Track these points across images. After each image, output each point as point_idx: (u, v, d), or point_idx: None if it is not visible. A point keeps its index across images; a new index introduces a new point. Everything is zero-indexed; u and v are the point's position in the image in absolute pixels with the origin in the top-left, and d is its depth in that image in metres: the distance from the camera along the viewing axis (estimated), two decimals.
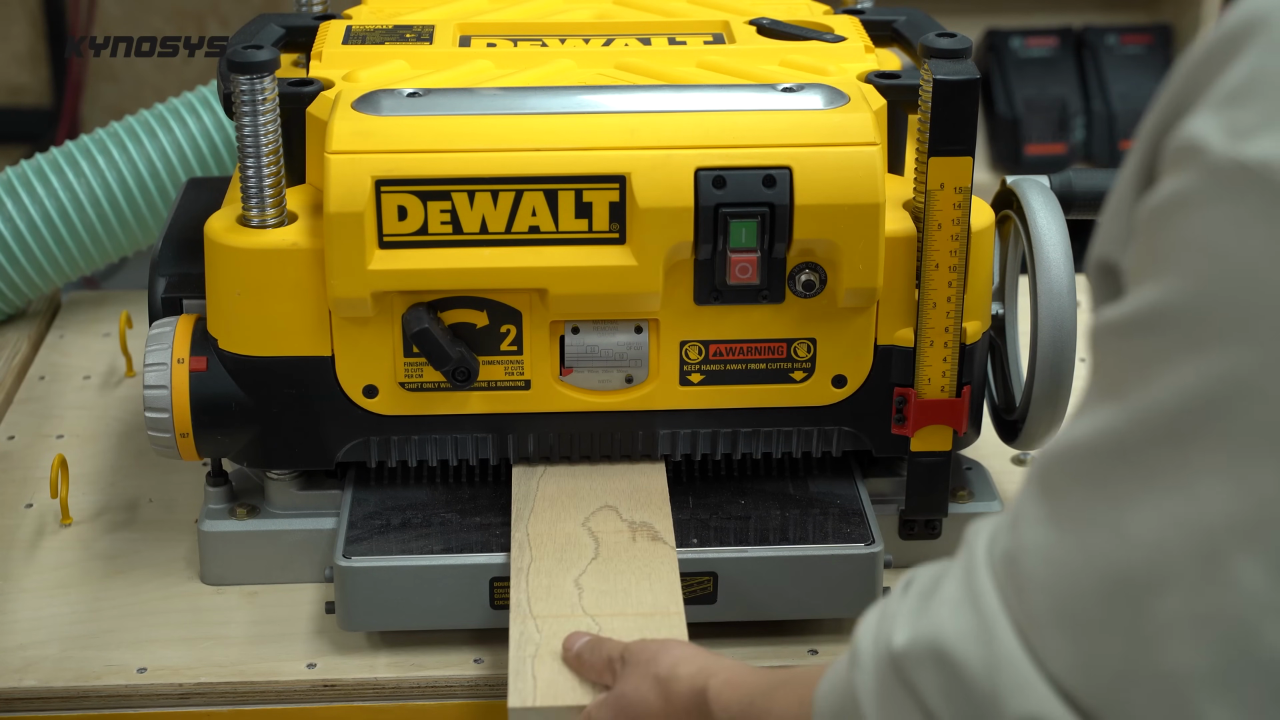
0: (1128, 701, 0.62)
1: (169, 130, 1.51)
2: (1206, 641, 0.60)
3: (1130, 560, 0.62)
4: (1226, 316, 0.59)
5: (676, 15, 1.34)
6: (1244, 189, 0.58)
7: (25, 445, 1.40)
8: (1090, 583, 0.64)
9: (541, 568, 1.10)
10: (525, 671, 1.02)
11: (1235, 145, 0.58)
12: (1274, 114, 0.58)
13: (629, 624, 1.05)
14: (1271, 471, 0.59)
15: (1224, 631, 0.60)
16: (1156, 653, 0.61)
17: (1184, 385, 0.61)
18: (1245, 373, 0.59)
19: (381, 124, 1.10)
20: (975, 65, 1.09)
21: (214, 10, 3.19)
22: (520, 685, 1.01)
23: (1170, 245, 0.61)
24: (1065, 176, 1.22)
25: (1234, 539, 0.60)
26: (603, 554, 1.11)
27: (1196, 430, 0.60)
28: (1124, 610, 0.62)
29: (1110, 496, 0.63)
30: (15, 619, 1.17)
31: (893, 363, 1.15)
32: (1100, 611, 0.63)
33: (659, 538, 1.13)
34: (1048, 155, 2.90)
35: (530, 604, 1.07)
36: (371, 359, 1.13)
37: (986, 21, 2.98)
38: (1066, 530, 0.65)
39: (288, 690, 1.12)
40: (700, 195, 1.08)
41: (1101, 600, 0.63)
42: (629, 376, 1.15)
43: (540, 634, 1.04)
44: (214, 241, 1.12)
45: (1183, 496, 0.61)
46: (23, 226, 1.49)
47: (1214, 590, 0.60)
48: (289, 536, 1.20)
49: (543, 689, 1.01)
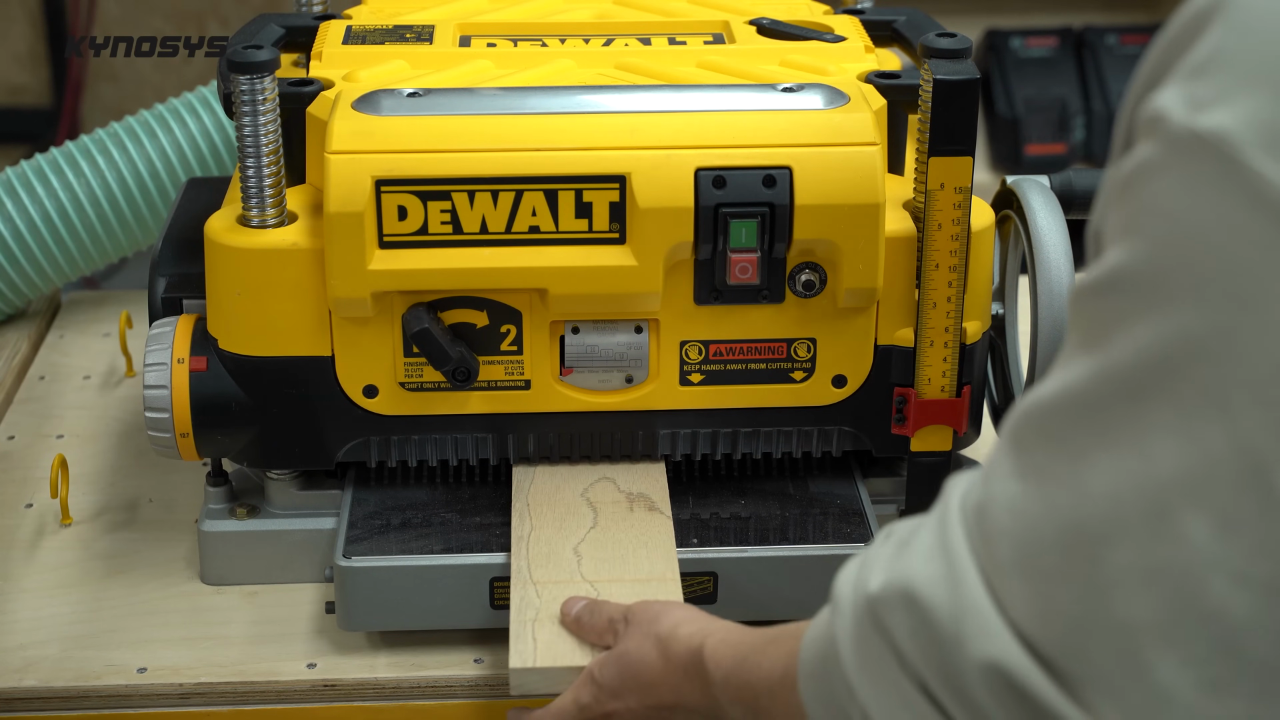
0: (1083, 649, 0.65)
1: (169, 130, 1.51)
2: (1156, 594, 0.63)
3: (1087, 513, 0.65)
4: (1180, 279, 0.62)
5: (676, 15, 1.34)
6: (1199, 157, 0.61)
7: (25, 445, 1.40)
8: (1050, 533, 0.66)
9: (541, 535, 1.12)
10: (526, 634, 1.04)
11: (1192, 116, 0.61)
12: (1229, 87, 0.60)
13: (626, 589, 1.07)
14: (1219, 430, 0.61)
15: (1172, 585, 0.62)
16: (1109, 603, 0.64)
17: (1139, 345, 0.63)
18: (1195, 334, 0.61)
19: (381, 124, 1.10)
20: (975, 65, 1.09)
21: (214, 10, 3.19)
22: (521, 647, 1.03)
23: (1135, 211, 0.64)
24: (1065, 176, 1.22)
25: (1183, 495, 0.62)
26: (601, 523, 1.14)
27: (1149, 389, 0.63)
28: (1080, 561, 0.65)
29: (1070, 451, 0.66)
30: (15, 619, 1.17)
31: (893, 363, 1.15)
32: (1058, 561, 0.66)
33: (655, 508, 1.15)
34: (1048, 155, 2.90)
35: (530, 570, 1.09)
36: (371, 359, 1.13)
37: (986, 21, 2.98)
38: (1030, 483, 0.67)
39: (288, 690, 1.12)
40: (700, 195, 1.08)
41: (1060, 551, 0.66)
42: (629, 376, 1.15)
43: (540, 599, 1.07)
44: (214, 241, 1.12)
45: (1136, 453, 0.63)
46: (23, 226, 1.49)
47: (1163, 545, 0.62)
48: (289, 536, 1.20)
49: (543, 650, 1.03)
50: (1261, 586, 0.61)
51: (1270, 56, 0.60)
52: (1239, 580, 0.61)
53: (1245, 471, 0.61)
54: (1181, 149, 0.61)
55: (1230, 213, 0.60)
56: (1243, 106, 0.60)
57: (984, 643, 0.67)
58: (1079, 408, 0.66)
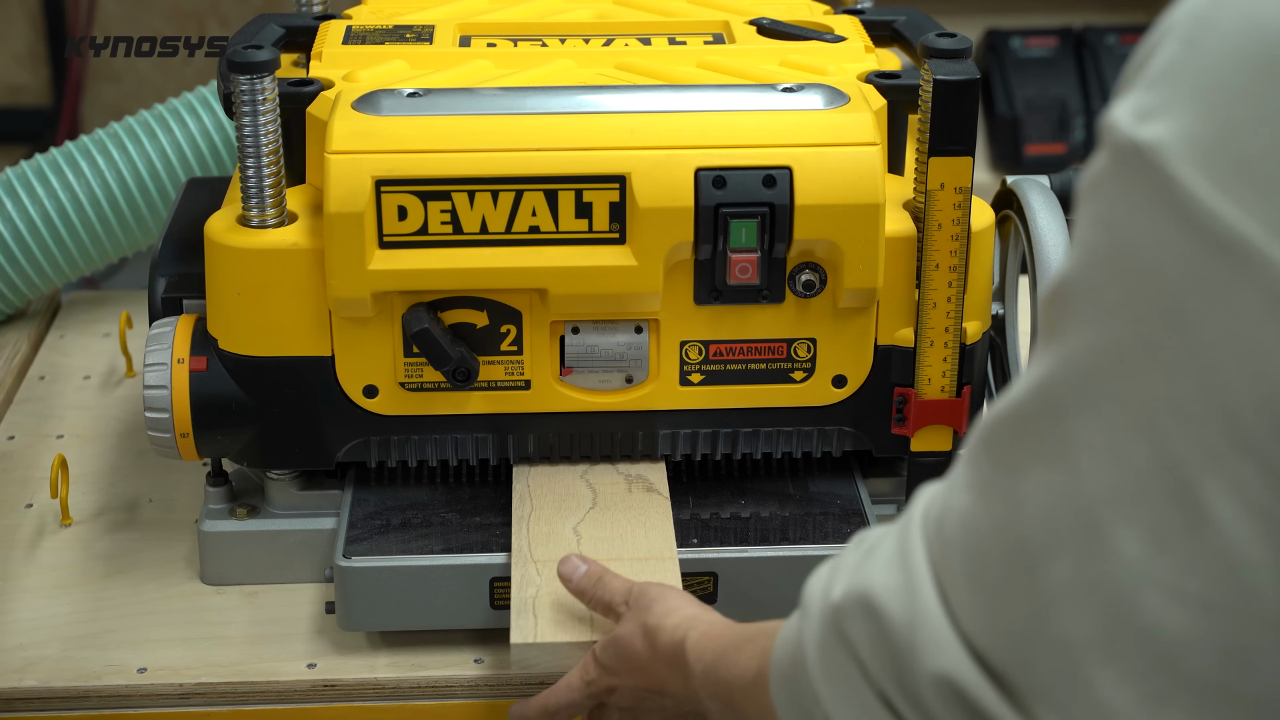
0: (1028, 663, 0.65)
1: (169, 130, 1.51)
2: (1093, 609, 0.63)
3: (1025, 528, 0.65)
4: (1109, 291, 0.62)
5: (676, 15, 1.34)
6: (1134, 169, 0.61)
7: (25, 445, 1.40)
8: (994, 547, 0.66)
9: (541, 516, 1.14)
10: (527, 610, 1.06)
11: (1135, 126, 0.61)
12: (1171, 101, 0.60)
13: (625, 568, 1.08)
14: (1143, 444, 0.61)
15: (1107, 600, 0.62)
16: (1050, 618, 0.64)
17: (1068, 356, 0.63)
18: (1123, 348, 0.61)
19: (381, 124, 1.10)
20: (975, 65, 1.09)
21: (214, 10, 3.19)
22: (522, 623, 1.05)
23: (1082, 220, 0.64)
24: (1065, 176, 1.22)
25: (1112, 510, 0.62)
26: (600, 503, 1.15)
27: (1076, 403, 0.63)
28: (1022, 576, 0.65)
29: (1010, 466, 0.66)
30: (15, 619, 1.17)
31: (893, 363, 1.15)
32: (1003, 576, 0.66)
33: (654, 489, 1.17)
34: (1048, 155, 2.90)
35: (531, 549, 1.11)
36: (371, 359, 1.13)
37: (986, 21, 2.98)
38: (978, 495, 0.68)
39: (288, 690, 1.12)
40: (700, 195, 1.08)
41: (1004, 565, 0.66)
42: (629, 376, 1.15)
43: (540, 577, 1.08)
44: (214, 241, 1.12)
45: (1065, 467, 0.63)
46: (22, 226, 1.49)
47: (1096, 560, 0.62)
48: (289, 536, 1.20)
49: (543, 626, 1.05)
50: (1194, 602, 0.60)
51: (1214, 73, 0.59)
52: (1172, 596, 0.61)
53: (1172, 488, 0.60)
54: (1122, 159, 0.61)
55: (1159, 227, 0.59)
56: (1180, 120, 0.59)
57: (936, 654, 0.67)
58: (1017, 421, 0.66)
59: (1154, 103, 0.61)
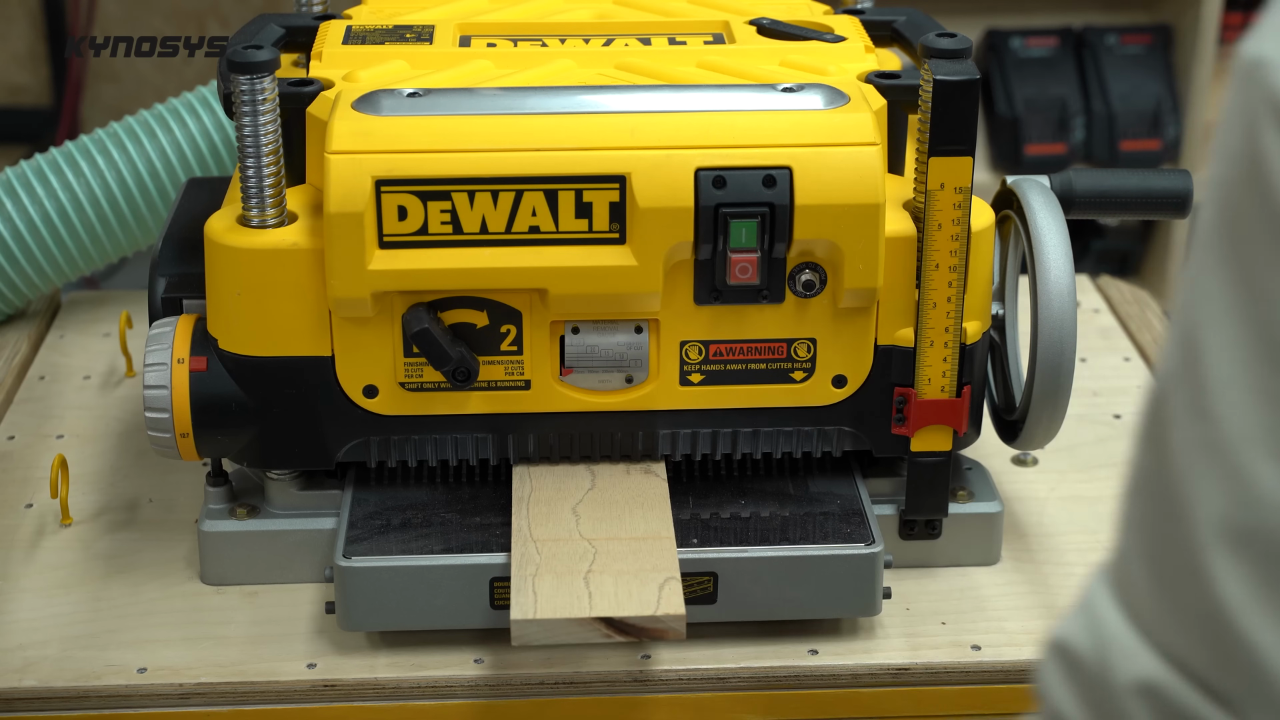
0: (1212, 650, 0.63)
1: (169, 130, 1.51)
2: None
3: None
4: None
5: (676, 15, 1.34)
6: (1236, 79, 0.62)
7: (25, 445, 1.40)
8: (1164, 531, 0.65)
9: (541, 497, 1.15)
10: (526, 588, 1.06)
11: (1243, 41, 0.62)
12: (1273, 15, 0.62)
13: (623, 547, 1.10)
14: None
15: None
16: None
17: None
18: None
19: (381, 124, 1.10)
20: (975, 65, 1.09)
21: (214, 10, 3.19)
22: (522, 600, 1.05)
23: (1212, 154, 0.65)
24: (1065, 176, 1.22)
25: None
26: (599, 485, 1.16)
27: None
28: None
29: None
30: (15, 619, 1.17)
31: (893, 363, 1.15)
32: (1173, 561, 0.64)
33: (652, 472, 1.18)
34: (1048, 155, 2.90)
35: (530, 529, 1.12)
36: (371, 359, 1.13)
37: (986, 21, 2.98)
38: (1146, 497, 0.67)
39: (288, 690, 1.12)
40: (700, 195, 1.08)
41: (1188, 576, 0.64)
42: (629, 376, 1.15)
43: (540, 555, 1.09)
44: (214, 241, 1.12)
45: None
46: (22, 226, 1.49)
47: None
48: (289, 536, 1.20)
49: (543, 603, 1.05)
50: None
51: None
52: None
53: None
54: (1234, 71, 0.63)
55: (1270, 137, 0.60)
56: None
57: (1130, 665, 0.65)
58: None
59: (1262, 20, 0.62)
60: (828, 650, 1.14)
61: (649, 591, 1.06)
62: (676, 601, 1.05)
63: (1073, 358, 1.16)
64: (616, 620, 1.04)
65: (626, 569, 1.08)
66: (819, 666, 1.13)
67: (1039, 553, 1.25)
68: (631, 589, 1.06)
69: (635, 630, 1.05)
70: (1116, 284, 1.68)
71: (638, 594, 1.06)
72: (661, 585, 1.07)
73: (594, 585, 1.07)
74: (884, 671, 1.13)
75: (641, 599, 1.05)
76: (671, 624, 1.04)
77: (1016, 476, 1.34)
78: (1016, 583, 1.22)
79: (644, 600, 1.05)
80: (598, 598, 1.05)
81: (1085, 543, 1.26)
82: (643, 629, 1.05)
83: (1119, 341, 1.57)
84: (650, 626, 1.04)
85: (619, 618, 1.04)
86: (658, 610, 1.04)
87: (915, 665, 1.14)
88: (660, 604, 1.05)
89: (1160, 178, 1.23)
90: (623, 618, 1.04)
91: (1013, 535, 1.26)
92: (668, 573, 1.08)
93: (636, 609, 1.04)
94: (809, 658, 1.14)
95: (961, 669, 1.14)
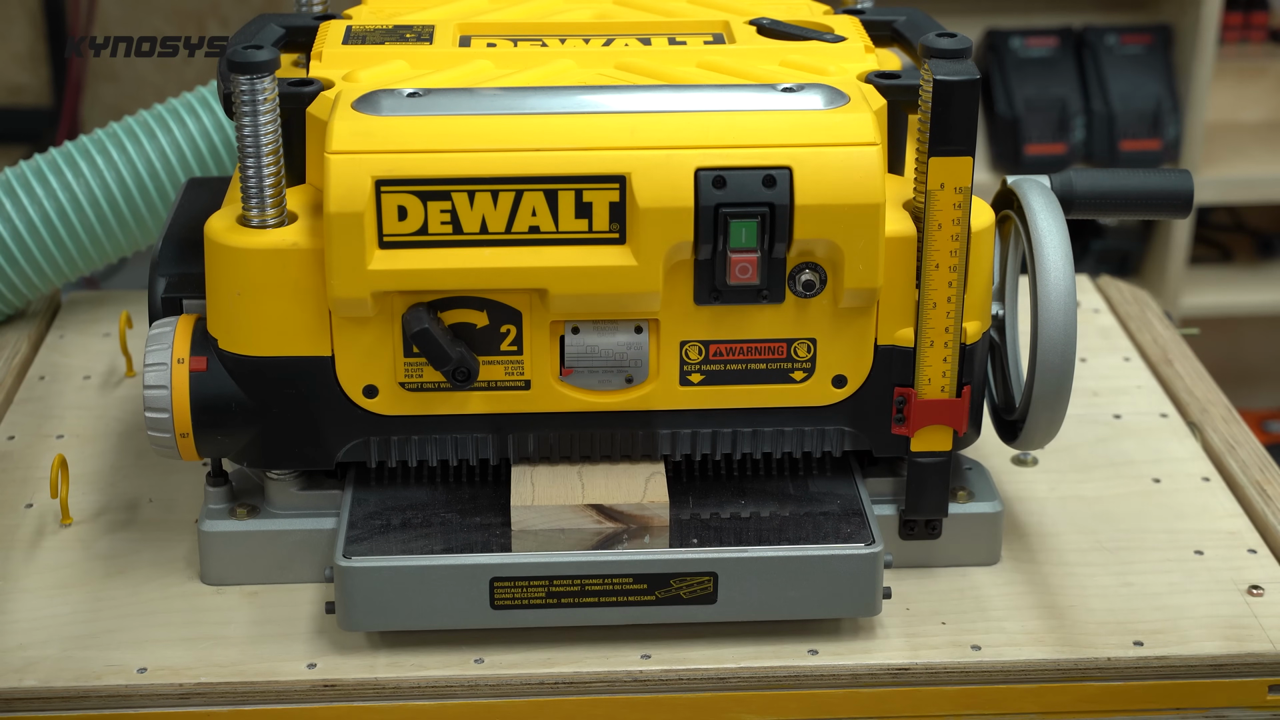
0: None
1: (169, 130, 1.51)
2: None
3: None
4: None
5: (676, 15, 1.34)
6: None
7: (25, 445, 1.40)
8: None
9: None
10: (525, 479, 1.16)
11: None
12: None
13: (616, 466, 1.18)
14: None
15: None
16: None
17: None
18: None
19: (381, 124, 1.10)
20: (975, 65, 1.09)
21: (214, 10, 3.19)
22: (521, 489, 1.15)
23: None
24: (1065, 176, 1.22)
25: None
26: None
27: None
28: None
29: None
30: (15, 619, 1.17)
31: (893, 363, 1.15)
32: None
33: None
34: (1048, 155, 2.90)
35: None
36: (371, 359, 1.13)
37: (986, 21, 2.98)
38: None
39: (288, 690, 1.12)
40: (700, 195, 1.08)
41: None
42: (629, 377, 1.15)
43: (536, 469, 1.18)
44: (214, 241, 1.12)
45: None
46: (22, 227, 1.49)
47: None
48: (289, 536, 1.20)
49: (540, 490, 1.15)
50: None
51: None
52: None
53: None
54: None
55: None
56: None
57: None
58: None
59: None
60: (827, 650, 1.14)
61: (636, 483, 1.16)
62: (661, 491, 1.15)
63: (1073, 358, 1.16)
64: (606, 507, 1.15)
65: (617, 468, 1.18)
66: (819, 666, 1.13)
67: (1039, 553, 1.25)
68: (620, 481, 1.16)
69: (623, 517, 1.15)
70: (1116, 284, 1.68)
71: (626, 485, 1.16)
72: (648, 478, 1.17)
73: (586, 478, 1.16)
74: (884, 671, 1.13)
75: (629, 489, 1.16)
76: (656, 510, 1.15)
77: (1016, 476, 1.34)
78: (1016, 583, 1.22)
79: (631, 489, 1.16)
80: (590, 488, 1.15)
81: (1085, 543, 1.26)
82: (630, 515, 1.15)
83: (1119, 341, 1.57)
84: (636, 514, 1.15)
85: (608, 505, 1.15)
86: (644, 498, 1.15)
87: (915, 665, 1.14)
88: (646, 493, 1.15)
89: (1160, 178, 1.23)
90: (612, 505, 1.15)
91: (1013, 535, 1.26)
92: (653, 469, 1.17)
93: (624, 497, 1.15)
94: (809, 658, 1.14)
95: (961, 669, 1.14)
